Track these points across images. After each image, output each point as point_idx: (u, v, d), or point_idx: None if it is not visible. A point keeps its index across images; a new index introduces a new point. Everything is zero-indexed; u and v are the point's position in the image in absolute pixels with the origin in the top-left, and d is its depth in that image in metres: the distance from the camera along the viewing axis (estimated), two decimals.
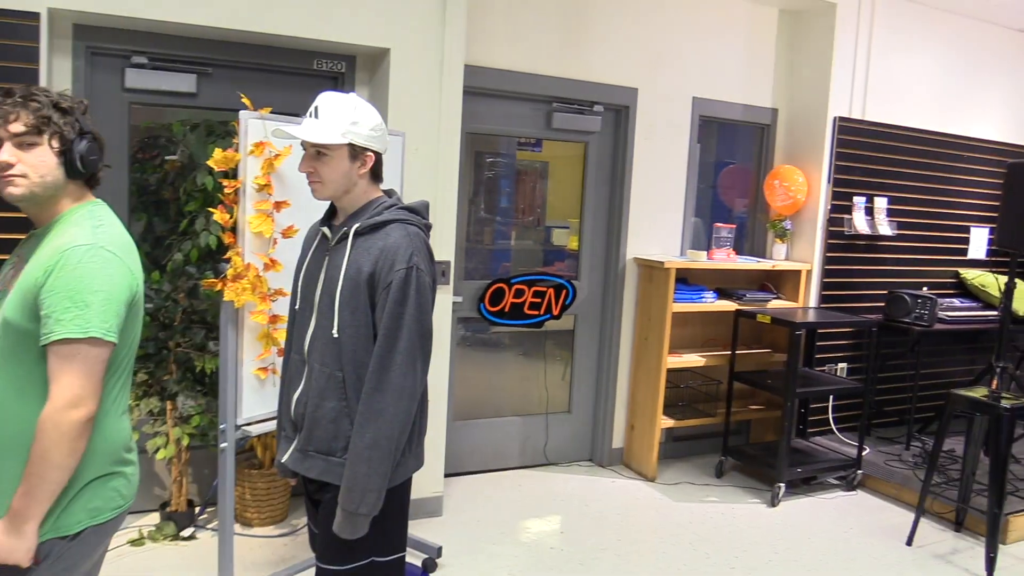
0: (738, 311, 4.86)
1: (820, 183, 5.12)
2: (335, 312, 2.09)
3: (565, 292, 4.72)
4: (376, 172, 2.18)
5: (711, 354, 5.00)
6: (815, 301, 5.21)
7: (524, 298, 4.62)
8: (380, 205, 2.16)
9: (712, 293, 4.91)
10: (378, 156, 2.17)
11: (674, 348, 4.92)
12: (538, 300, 4.65)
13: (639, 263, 4.90)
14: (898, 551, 4.04)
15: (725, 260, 4.91)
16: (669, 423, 4.84)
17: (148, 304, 3.48)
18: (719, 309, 4.92)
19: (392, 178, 3.34)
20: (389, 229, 2.11)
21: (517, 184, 4.86)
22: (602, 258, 4.97)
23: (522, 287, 4.60)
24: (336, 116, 2.08)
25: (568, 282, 4.74)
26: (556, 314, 4.73)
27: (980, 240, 5.91)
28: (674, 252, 5.06)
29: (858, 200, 5.23)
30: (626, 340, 4.97)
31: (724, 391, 5.01)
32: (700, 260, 4.83)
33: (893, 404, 5.67)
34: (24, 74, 3.14)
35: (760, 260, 5.16)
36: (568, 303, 4.75)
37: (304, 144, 2.12)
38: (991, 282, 5.64)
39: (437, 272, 2.29)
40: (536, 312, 4.67)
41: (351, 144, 2.09)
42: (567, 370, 5.03)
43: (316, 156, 2.10)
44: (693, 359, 4.91)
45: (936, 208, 5.65)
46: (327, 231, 2.21)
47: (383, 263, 2.06)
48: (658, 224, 4.99)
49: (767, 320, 4.69)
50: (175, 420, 3.65)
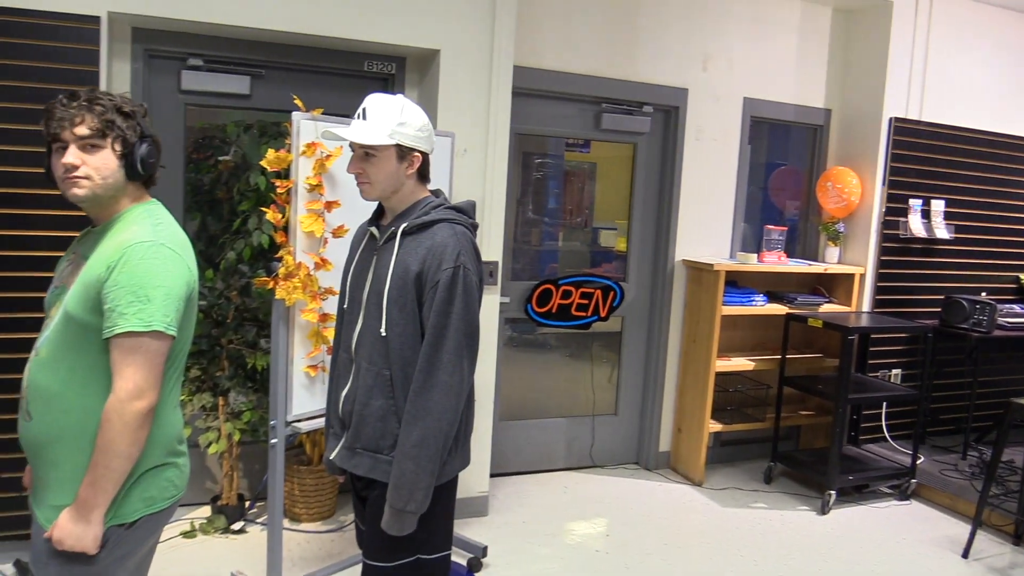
0: (789, 315, 4.79)
1: (875, 185, 5.02)
2: (383, 311, 2.11)
3: (613, 294, 4.70)
4: (423, 172, 2.20)
5: (761, 358, 4.93)
6: (868, 305, 5.10)
7: (571, 299, 4.60)
8: (427, 205, 2.17)
9: (762, 296, 4.85)
10: (425, 156, 2.18)
11: (723, 351, 4.86)
12: (585, 301, 4.64)
13: (688, 265, 4.86)
14: (954, 564, 3.93)
15: (776, 263, 4.84)
16: (717, 427, 4.78)
17: (202, 302, 3.56)
18: (769, 312, 4.85)
19: (441, 179, 3.37)
20: (436, 228, 2.12)
21: (565, 185, 4.85)
22: (650, 260, 4.94)
23: (569, 288, 4.59)
24: (383, 117, 2.10)
25: (616, 284, 4.72)
26: (603, 316, 4.71)
27: None
28: (724, 254, 5.00)
29: (914, 203, 5.11)
30: (674, 343, 4.93)
31: (774, 396, 4.93)
32: (750, 263, 4.76)
33: (949, 412, 5.52)
34: (85, 77, 3.23)
35: (812, 263, 5.07)
36: (616, 305, 4.73)
37: (352, 145, 2.15)
38: None
39: (484, 272, 2.30)
40: (583, 313, 4.65)
41: (398, 145, 2.10)
42: (614, 372, 5.00)
43: (364, 157, 2.12)
44: (742, 363, 4.84)
45: (996, 211, 5.49)
46: (375, 231, 2.23)
47: (430, 262, 2.07)
48: (707, 226, 4.93)
49: (819, 324, 4.61)
50: (227, 415, 3.72)
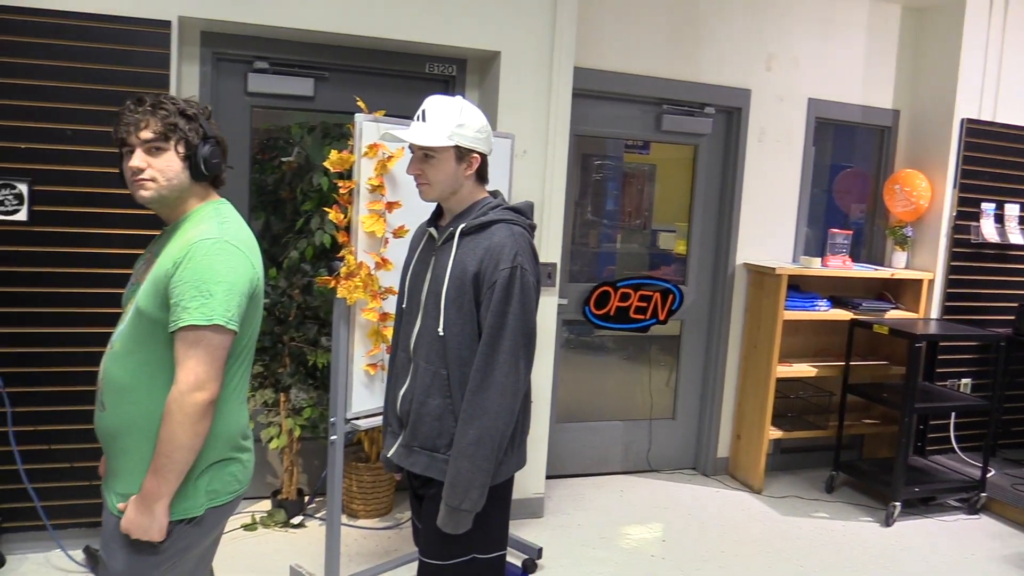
0: (853, 320, 4.68)
1: (945, 188, 4.87)
2: (441, 311, 2.13)
3: (672, 297, 4.66)
4: (482, 173, 2.21)
5: (823, 364, 4.82)
6: (937, 312, 4.95)
7: (630, 302, 4.58)
8: (485, 205, 2.19)
9: (826, 301, 4.74)
10: (484, 158, 2.20)
11: (784, 357, 4.77)
12: (644, 304, 4.60)
13: (749, 269, 4.79)
14: None
15: (840, 267, 4.73)
16: (777, 434, 4.70)
17: (265, 299, 3.63)
18: (833, 318, 4.75)
19: (500, 180, 3.38)
20: (494, 229, 2.13)
21: (624, 187, 4.83)
22: (710, 263, 4.88)
23: (628, 291, 4.57)
24: (442, 119, 2.12)
25: (675, 287, 4.67)
26: (662, 319, 4.67)
27: None
28: (786, 258, 4.91)
29: (987, 207, 4.94)
30: (734, 347, 4.86)
31: (836, 403, 4.82)
32: (814, 267, 4.67)
33: (1022, 424, 5.33)
34: (155, 80, 3.33)
35: (878, 268, 4.95)
36: (675, 308, 4.68)
37: (412, 147, 2.17)
38: None
39: (542, 273, 2.30)
40: (642, 316, 4.62)
41: (457, 146, 2.12)
42: (672, 376, 4.96)
43: (423, 158, 2.15)
44: (804, 369, 4.75)
45: None
46: (434, 232, 2.25)
47: (488, 262, 2.08)
48: (769, 229, 4.85)
49: (884, 331, 4.49)
50: (288, 412, 3.80)
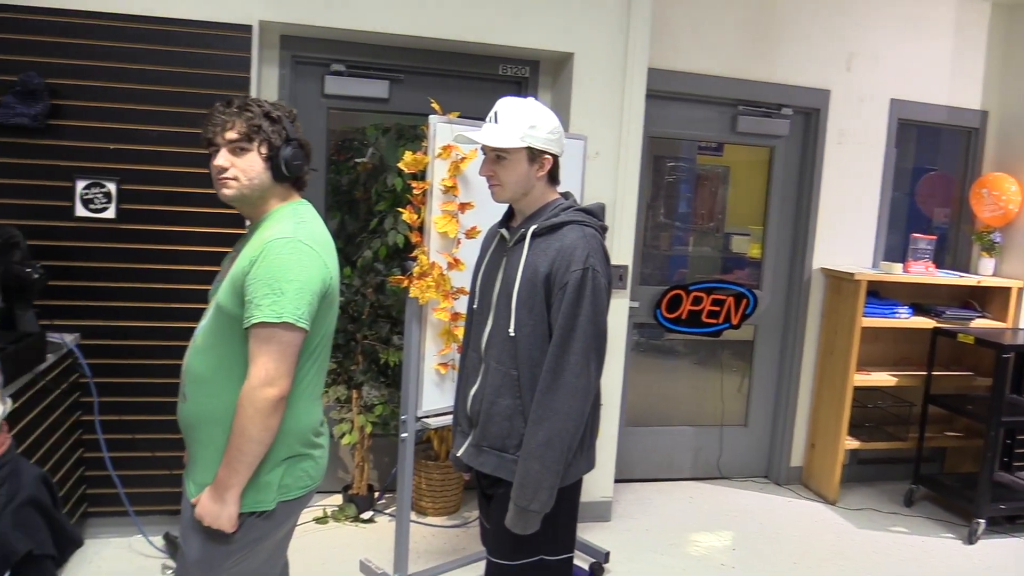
0: (936, 329, 4.52)
1: None
2: (512, 312, 2.13)
3: (745, 301, 4.57)
4: (553, 175, 2.21)
5: (904, 374, 4.67)
6: None
7: (702, 306, 4.51)
8: (557, 207, 2.18)
9: (907, 309, 4.59)
10: (555, 159, 2.19)
11: (862, 365, 4.63)
12: (717, 308, 4.53)
13: (826, 274, 4.66)
14: None
15: (923, 273, 4.57)
16: (854, 444, 4.56)
17: (340, 298, 3.70)
18: (914, 326, 4.59)
19: (572, 182, 3.37)
20: (566, 230, 2.12)
21: (696, 189, 4.76)
22: (786, 267, 4.77)
23: (700, 294, 4.50)
24: (515, 120, 2.12)
25: (749, 291, 4.59)
26: (735, 324, 4.59)
27: None
28: (865, 263, 4.77)
29: None
30: (809, 354, 4.74)
31: (917, 414, 4.66)
32: (894, 273, 4.52)
33: None
34: (237, 82, 3.43)
35: (963, 275, 4.76)
36: (748, 313, 4.60)
37: (484, 148, 2.18)
38: None
39: (614, 275, 2.28)
40: (714, 321, 4.55)
41: (529, 147, 2.12)
42: (744, 382, 4.87)
43: (496, 160, 2.16)
44: (883, 378, 4.61)
45: None
46: (505, 233, 2.26)
47: (559, 264, 2.08)
48: (848, 233, 4.72)
49: (970, 340, 4.32)
50: (360, 408, 3.86)
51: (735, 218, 4.82)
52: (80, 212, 3.36)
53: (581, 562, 3.56)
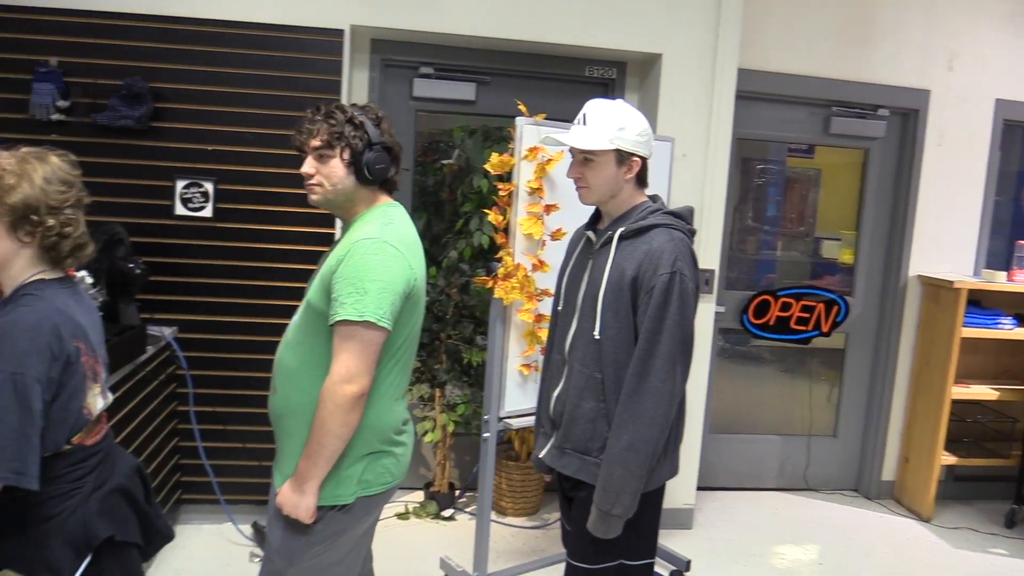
0: None
1: None
2: (597, 314, 2.12)
3: (837, 308, 4.43)
4: (642, 177, 2.19)
5: (1006, 388, 4.44)
6: None
7: (791, 312, 4.39)
8: (645, 209, 2.16)
9: (1011, 319, 4.37)
10: (644, 161, 2.17)
11: (961, 377, 4.43)
12: (806, 315, 4.41)
13: (923, 281, 4.48)
14: None
15: None
16: (951, 460, 4.37)
17: (425, 298, 3.75)
18: (1019, 338, 4.36)
19: (659, 184, 3.33)
20: (653, 233, 2.10)
21: (786, 192, 4.64)
22: (880, 274, 4.61)
23: (789, 300, 4.38)
24: (603, 122, 2.11)
25: (840, 298, 4.44)
26: (826, 331, 4.45)
27: None
28: (966, 271, 4.56)
29: None
30: (904, 364, 4.56)
31: (1020, 430, 4.43)
32: (998, 281, 4.31)
33: None
34: (328, 85, 3.52)
35: None
36: (839, 320, 4.45)
37: (572, 150, 2.18)
38: None
39: (700, 280, 2.25)
40: (804, 328, 4.42)
41: (617, 150, 2.11)
42: (833, 391, 4.72)
43: (584, 162, 2.15)
44: (983, 391, 4.40)
45: None
46: (592, 235, 2.25)
47: (647, 267, 2.05)
48: (947, 240, 4.53)
49: None
50: (442, 407, 3.90)
51: (826, 222, 4.68)
52: (179, 211, 3.50)
53: (661, 569, 3.51)
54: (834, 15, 4.24)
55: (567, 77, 4.03)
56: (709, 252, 3.85)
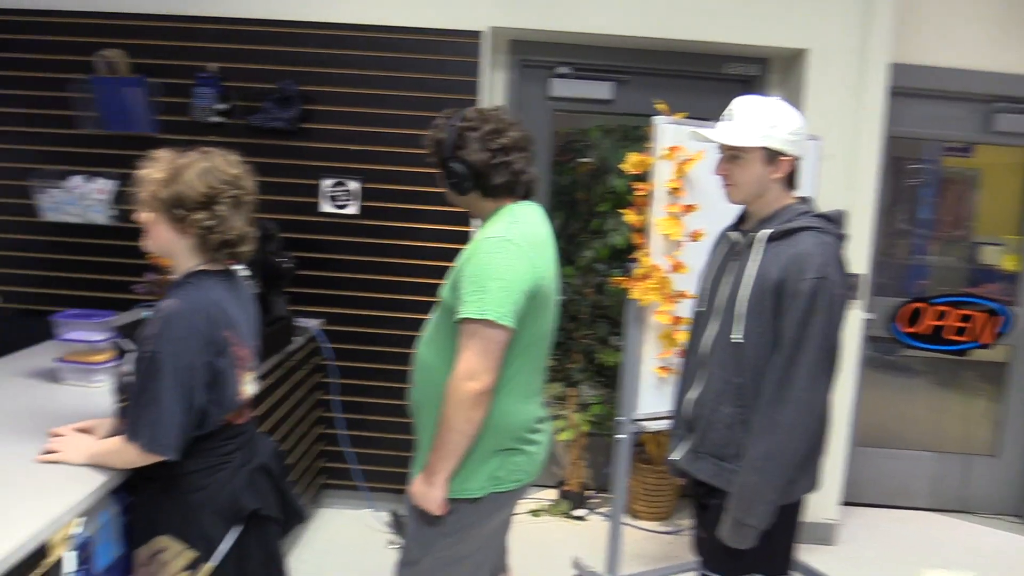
0: None
1: None
2: (739, 318, 2.07)
3: (999, 318, 4.13)
4: (791, 178, 2.12)
5: None
6: None
7: (947, 321, 4.13)
8: (793, 211, 2.09)
9: None
10: (795, 161, 2.10)
11: None
12: (964, 325, 4.13)
13: None
14: None
15: None
16: None
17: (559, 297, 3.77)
18: None
19: (805, 184, 3.20)
20: (801, 236, 2.03)
21: (941, 194, 4.37)
22: None
23: (945, 308, 4.12)
24: (753, 119, 2.06)
25: (1004, 307, 4.14)
26: (986, 342, 4.16)
27: None
28: None
29: None
30: None
31: None
32: None
33: None
34: (466, 86, 3.60)
35: None
36: (1002, 331, 4.15)
37: (721, 147, 2.13)
38: None
39: (848, 286, 2.15)
40: (961, 338, 4.15)
41: (766, 148, 2.05)
42: (995, 407, 4.40)
43: (731, 159, 2.10)
44: None
45: None
46: (736, 236, 2.19)
47: (792, 271, 1.98)
48: None
49: None
50: (576, 406, 3.90)
51: (986, 226, 4.38)
52: (326, 208, 3.66)
53: None
54: (997, 3, 3.95)
55: (706, 75, 3.95)
56: (857, 256, 3.67)
